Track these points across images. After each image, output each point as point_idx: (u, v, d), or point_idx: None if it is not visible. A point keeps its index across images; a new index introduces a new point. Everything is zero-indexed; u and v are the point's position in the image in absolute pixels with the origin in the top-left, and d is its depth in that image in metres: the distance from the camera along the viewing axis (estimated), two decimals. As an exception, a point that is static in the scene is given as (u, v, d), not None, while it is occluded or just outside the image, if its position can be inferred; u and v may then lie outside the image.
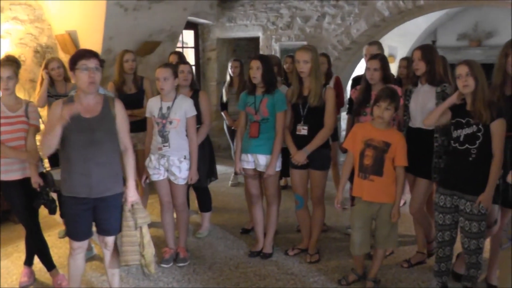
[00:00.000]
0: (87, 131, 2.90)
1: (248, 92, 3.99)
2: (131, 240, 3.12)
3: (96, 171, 2.92)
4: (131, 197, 3.07)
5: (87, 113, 2.94)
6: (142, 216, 3.13)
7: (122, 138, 3.08)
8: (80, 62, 2.84)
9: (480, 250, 3.25)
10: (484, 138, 3.11)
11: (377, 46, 4.49)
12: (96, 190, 2.94)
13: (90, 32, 5.28)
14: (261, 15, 7.51)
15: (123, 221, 3.10)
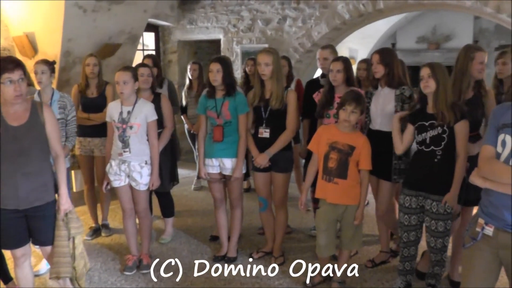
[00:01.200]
0: (15, 140, 2.79)
1: (207, 96, 3.95)
2: (63, 251, 2.99)
3: (24, 182, 2.81)
4: (63, 205, 2.96)
5: (14, 121, 2.82)
6: (75, 226, 3.02)
7: (52, 145, 2.96)
8: (4, 76, 2.70)
9: (445, 248, 3.33)
10: (449, 139, 3.18)
11: (330, 49, 4.51)
12: (24, 202, 2.84)
13: (48, 34, 5.12)
14: (222, 18, 7.47)
15: (55, 230, 2.98)
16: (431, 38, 11.15)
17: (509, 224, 2.22)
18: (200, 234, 4.76)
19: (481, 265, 2.36)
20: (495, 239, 2.28)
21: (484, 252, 2.34)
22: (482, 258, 2.35)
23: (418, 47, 11.28)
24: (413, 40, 11.30)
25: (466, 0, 5.67)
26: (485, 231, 2.31)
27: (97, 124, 4.39)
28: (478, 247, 2.35)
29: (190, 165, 7.14)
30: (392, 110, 3.69)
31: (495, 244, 2.29)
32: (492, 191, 2.29)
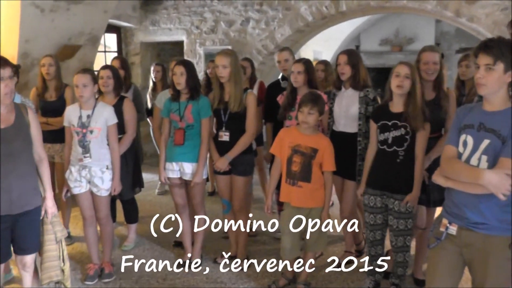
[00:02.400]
0: (4, 142, 2.74)
1: (171, 99, 3.90)
2: (53, 254, 3.00)
3: (17, 184, 2.79)
4: (51, 208, 2.97)
5: (1, 123, 2.76)
6: (59, 230, 3.04)
7: (36, 147, 2.95)
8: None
9: (407, 248, 3.38)
10: (412, 140, 3.22)
11: (288, 52, 4.54)
12: (17, 205, 2.80)
13: (5, 35, 4.95)
14: (185, 19, 7.41)
15: (45, 235, 2.97)
16: (394, 40, 11.39)
17: (472, 223, 2.27)
18: (164, 240, 4.68)
19: (446, 264, 2.40)
20: (458, 238, 2.33)
21: (448, 252, 2.39)
22: (447, 257, 2.40)
23: (381, 49, 11.49)
24: (377, 43, 11.51)
25: (427, 4, 5.79)
26: (449, 230, 2.36)
27: (57, 129, 4.24)
28: (443, 247, 2.40)
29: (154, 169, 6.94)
30: (356, 111, 3.72)
31: (458, 243, 2.34)
32: (454, 190, 2.33)
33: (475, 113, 2.34)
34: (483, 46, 2.23)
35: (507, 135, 2.18)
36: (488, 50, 2.20)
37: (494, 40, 2.25)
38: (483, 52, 2.21)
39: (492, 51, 2.19)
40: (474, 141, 2.28)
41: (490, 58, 2.19)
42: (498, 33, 5.38)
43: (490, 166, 2.21)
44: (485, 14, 5.54)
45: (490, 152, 2.22)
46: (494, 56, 2.18)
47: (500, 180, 2.11)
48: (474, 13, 5.60)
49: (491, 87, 2.22)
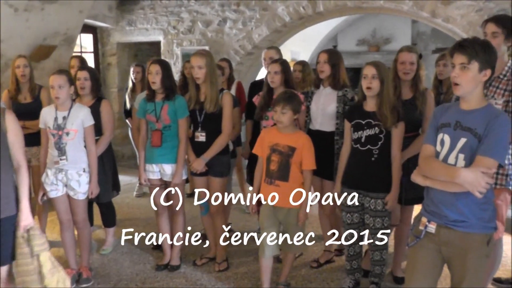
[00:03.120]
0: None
1: (147, 99, 3.86)
2: (28, 269, 2.82)
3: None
4: (24, 221, 2.79)
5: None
6: (39, 243, 2.84)
7: (14, 154, 2.81)
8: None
9: (384, 246, 3.39)
10: (386, 139, 3.25)
11: (276, 50, 4.55)
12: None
13: (-23, 35, 4.83)
14: (161, 19, 7.33)
15: (17, 248, 2.80)
16: (371, 40, 11.49)
17: (451, 221, 2.31)
18: (142, 243, 4.62)
19: (425, 262, 2.44)
20: (437, 236, 2.37)
21: (428, 250, 2.42)
22: (426, 255, 2.43)
23: (358, 49, 11.58)
24: (354, 43, 11.58)
25: (403, 5, 5.85)
26: (428, 228, 2.39)
27: (34, 132, 4.11)
28: (422, 245, 2.43)
29: (132, 171, 6.93)
30: (333, 110, 3.74)
31: (437, 241, 2.38)
32: (432, 189, 2.37)
33: (452, 111, 2.38)
34: (458, 46, 2.27)
35: (483, 133, 2.21)
36: (462, 49, 2.24)
37: (468, 40, 2.29)
38: (458, 52, 2.25)
39: (466, 50, 2.23)
40: (451, 140, 2.32)
41: (464, 57, 2.22)
42: (473, 33, 5.46)
43: (467, 164, 2.25)
44: (460, 15, 5.62)
45: (467, 151, 2.26)
46: (469, 56, 2.22)
47: (476, 178, 2.15)
48: (449, 14, 5.68)
49: (466, 87, 2.26)
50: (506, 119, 2.26)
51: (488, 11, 5.45)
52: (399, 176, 3.28)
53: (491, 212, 2.34)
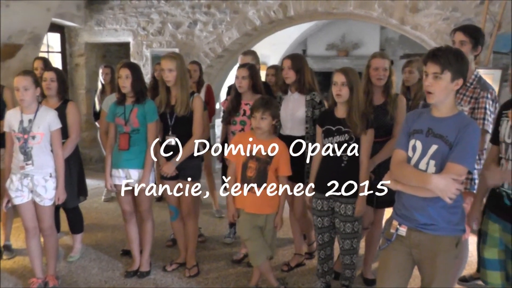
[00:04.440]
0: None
1: (117, 102, 3.80)
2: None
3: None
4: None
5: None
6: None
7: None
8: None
9: (354, 251, 3.43)
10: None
11: (252, 55, 4.54)
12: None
13: None
14: (131, 20, 7.21)
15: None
16: (340, 45, 11.61)
17: (421, 224, 2.37)
18: (111, 249, 4.53)
19: (396, 264, 2.49)
20: (408, 239, 2.42)
21: (399, 252, 2.47)
22: (397, 258, 2.48)
23: (327, 53, 11.68)
24: (323, 47, 11.68)
25: (373, 12, 5.94)
26: (399, 232, 2.44)
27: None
28: (393, 248, 2.49)
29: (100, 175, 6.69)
30: (302, 115, 3.76)
31: (408, 244, 2.43)
32: (403, 193, 2.41)
33: (424, 118, 2.43)
34: (432, 55, 2.31)
35: (454, 141, 2.27)
36: (436, 59, 2.28)
37: (442, 49, 2.33)
38: (431, 61, 2.29)
39: (440, 60, 2.27)
40: (422, 146, 2.37)
41: (438, 67, 2.27)
42: (441, 41, 5.61)
43: (438, 170, 2.30)
44: (428, 23, 5.74)
45: (438, 157, 2.31)
46: (442, 65, 2.26)
47: (447, 184, 2.21)
48: (418, 21, 5.79)
49: (438, 95, 2.30)
50: (476, 128, 2.33)
51: (455, 20, 5.59)
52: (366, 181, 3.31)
53: (460, 215, 2.41)
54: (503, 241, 2.59)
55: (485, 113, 3.00)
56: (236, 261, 4.25)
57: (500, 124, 2.64)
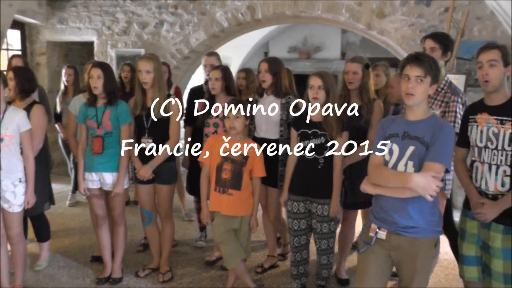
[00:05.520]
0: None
1: (88, 104, 3.68)
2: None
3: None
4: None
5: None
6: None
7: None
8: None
9: (331, 250, 3.49)
10: (331, 148, 3.32)
11: (216, 56, 4.53)
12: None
13: None
14: (95, 18, 7.00)
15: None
16: (302, 48, 11.70)
17: (401, 227, 2.42)
18: (79, 255, 4.38)
19: (375, 267, 2.54)
20: (387, 241, 2.48)
21: (378, 255, 2.52)
22: (376, 260, 2.53)
23: (289, 56, 11.74)
24: (285, 50, 11.73)
25: (340, 16, 6.03)
26: (379, 235, 2.50)
27: None
28: (372, 251, 2.53)
29: (63, 179, 6.56)
30: (277, 118, 3.77)
31: (387, 246, 2.49)
32: (381, 196, 2.47)
33: (399, 123, 2.51)
34: (415, 58, 2.40)
35: (430, 141, 2.36)
36: (420, 63, 2.38)
37: (424, 55, 2.46)
38: (415, 65, 2.38)
39: (424, 64, 2.37)
40: (399, 149, 2.44)
41: (421, 70, 2.36)
42: (406, 46, 5.77)
43: (416, 170, 2.38)
44: (394, 28, 5.88)
45: (416, 158, 2.39)
46: (425, 69, 2.36)
47: (427, 182, 2.28)
48: (384, 27, 5.93)
49: (418, 97, 2.39)
50: (450, 129, 2.45)
51: (420, 26, 5.77)
52: (340, 184, 3.37)
53: (438, 215, 2.51)
54: (480, 237, 2.73)
55: (456, 116, 3.12)
56: (209, 263, 4.22)
57: (469, 130, 2.78)
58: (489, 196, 2.67)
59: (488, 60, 2.62)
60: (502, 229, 2.60)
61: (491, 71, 2.61)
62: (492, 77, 2.62)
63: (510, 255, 2.60)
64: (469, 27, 5.43)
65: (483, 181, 2.69)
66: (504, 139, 2.60)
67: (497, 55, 2.61)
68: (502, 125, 2.61)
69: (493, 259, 2.64)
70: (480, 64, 2.66)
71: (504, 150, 2.60)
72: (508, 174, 2.59)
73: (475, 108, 2.80)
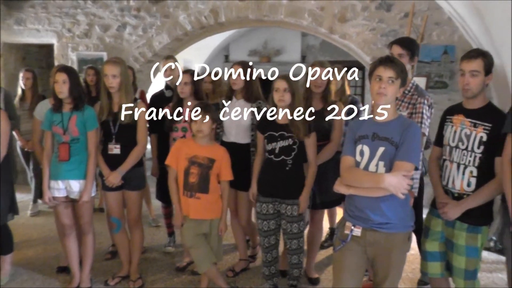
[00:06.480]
0: None
1: (53, 109, 3.58)
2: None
3: None
4: None
5: None
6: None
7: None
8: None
9: (301, 250, 3.54)
10: (299, 149, 3.38)
11: (173, 60, 4.51)
12: None
13: None
14: (55, 20, 6.78)
15: None
16: (263, 51, 11.79)
17: (376, 224, 2.51)
18: (45, 268, 4.21)
19: (351, 263, 2.61)
20: (363, 238, 2.56)
21: (354, 252, 2.60)
22: (352, 257, 2.61)
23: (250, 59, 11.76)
24: (245, 53, 11.78)
25: (303, 20, 6.12)
26: (354, 232, 2.57)
27: None
28: (348, 248, 2.60)
29: (23, 188, 6.29)
30: (248, 122, 3.78)
31: (362, 243, 2.57)
32: (355, 196, 2.54)
33: (368, 125, 2.60)
34: (388, 60, 2.50)
35: (399, 141, 2.45)
36: (393, 65, 2.48)
37: (396, 59, 2.57)
38: (389, 66, 2.47)
39: (397, 66, 2.47)
40: (370, 150, 2.52)
41: (394, 72, 2.46)
42: (368, 50, 5.92)
43: (387, 170, 2.47)
44: (356, 32, 6.02)
45: (386, 158, 2.48)
46: (397, 72, 2.46)
47: (399, 181, 2.37)
48: (346, 31, 6.05)
49: (390, 98, 2.48)
50: (417, 128, 2.56)
51: (381, 31, 5.93)
52: (313, 180, 3.44)
53: (410, 211, 2.62)
54: (444, 234, 2.86)
55: (422, 117, 3.21)
56: (179, 269, 4.19)
57: (445, 129, 2.90)
58: (454, 194, 2.78)
59: (471, 71, 2.70)
60: (466, 228, 2.73)
61: (472, 80, 2.70)
62: (473, 86, 2.71)
63: (473, 252, 2.73)
64: (428, 31, 5.63)
65: (450, 179, 2.81)
66: (475, 141, 2.71)
67: (480, 65, 2.70)
68: (475, 128, 2.72)
69: (456, 255, 2.76)
70: (462, 72, 2.75)
71: (473, 151, 2.72)
72: (475, 175, 2.71)
73: (453, 109, 2.93)
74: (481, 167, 2.70)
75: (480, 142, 2.69)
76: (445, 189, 2.85)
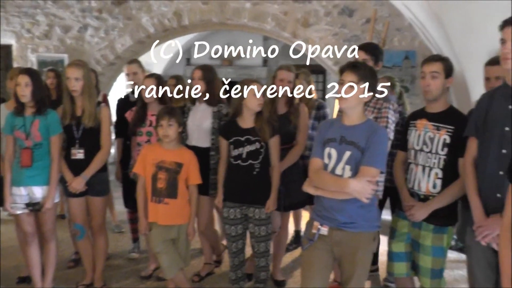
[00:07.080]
0: None
1: (15, 113, 3.47)
2: None
3: None
4: None
5: None
6: None
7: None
8: None
9: (268, 253, 3.56)
10: (266, 152, 3.40)
11: (137, 64, 4.49)
12: None
13: None
14: (14, 20, 6.54)
15: None
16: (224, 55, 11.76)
17: (342, 223, 2.57)
18: (5, 279, 4.04)
19: (319, 262, 2.65)
20: (330, 237, 2.60)
21: (321, 251, 2.64)
22: (320, 256, 2.65)
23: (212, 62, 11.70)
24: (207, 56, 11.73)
25: (267, 25, 6.17)
26: (321, 231, 2.62)
27: None
28: (316, 247, 2.65)
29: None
30: (209, 126, 3.78)
31: (329, 242, 2.62)
32: (323, 197, 2.59)
33: (336, 127, 2.64)
34: (352, 66, 2.56)
35: (365, 146, 2.50)
36: (356, 70, 2.53)
37: (360, 63, 2.65)
38: (351, 71, 2.53)
39: (359, 71, 2.52)
40: (337, 153, 2.57)
41: (355, 76, 2.51)
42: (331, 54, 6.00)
43: (354, 174, 2.52)
44: (319, 37, 6.11)
45: (352, 162, 2.53)
46: (359, 76, 2.51)
47: (363, 187, 2.44)
48: (309, 35, 6.14)
49: (350, 102, 2.53)
50: (384, 133, 2.63)
51: (343, 36, 6.04)
52: (278, 183, 3.47)
53: (375, 212, 2.67)
54: (410, 235, 2.93)
55: (387, 122, 3.29)
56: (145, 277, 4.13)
57: (409, 133, 2.98)
58: (421, 196, 2.85)
59: (431, 72, 2.80)
60: (432, 229, 2.81)
61: (432, 82, 2.80)
62: (433, 88, 2.81)
63: (439, 252, 2.82)
64: (389, 37, 5.78)
65: (416, 182, 2.88)
66: (438, 144, 2.80)
67: (439, 67, 2.80)
68: (438, 131, 2.81)
69: (423, 255, 2.84)
70: (423, 74, 2.85)
71: (437, 154, 2.80)
72: (440, 176, 2.80)
73: (416, 114, 3.02)
74: (445, 169, 2.78)
75: (444, 144, 2.78)
76: (411, 191, 2.91)
